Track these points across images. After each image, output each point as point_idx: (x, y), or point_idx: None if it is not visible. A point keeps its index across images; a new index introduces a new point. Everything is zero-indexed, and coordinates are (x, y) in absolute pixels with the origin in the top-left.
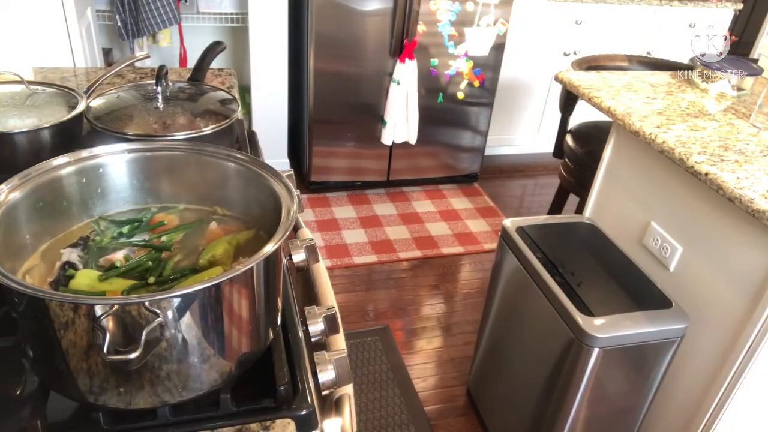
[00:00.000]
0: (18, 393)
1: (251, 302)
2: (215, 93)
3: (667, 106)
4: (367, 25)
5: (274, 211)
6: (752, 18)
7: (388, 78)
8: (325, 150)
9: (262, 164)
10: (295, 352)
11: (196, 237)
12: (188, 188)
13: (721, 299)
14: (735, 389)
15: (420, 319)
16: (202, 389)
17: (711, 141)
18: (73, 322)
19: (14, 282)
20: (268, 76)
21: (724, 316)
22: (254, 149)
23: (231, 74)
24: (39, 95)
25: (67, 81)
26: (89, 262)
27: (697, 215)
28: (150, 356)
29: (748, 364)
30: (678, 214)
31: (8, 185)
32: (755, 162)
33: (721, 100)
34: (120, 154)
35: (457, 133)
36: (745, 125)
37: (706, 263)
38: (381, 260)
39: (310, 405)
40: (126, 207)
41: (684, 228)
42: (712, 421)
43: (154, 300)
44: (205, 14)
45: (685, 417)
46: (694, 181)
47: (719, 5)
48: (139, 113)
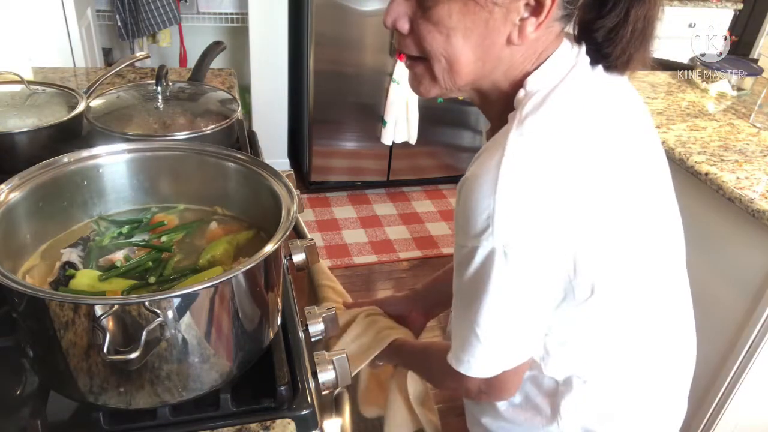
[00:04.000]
0: (18, 393)
1: (251, 302)
2: (215, 93)
3: (667, 106)
4: (367, 24)
5: (274, 211)
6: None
7: (388, 78)
8: (325, 150)
9: (262, 164)
10: (295, 352)
11: (196, 237)
12: (188, 188)
13: (721, 299)
14: (735, 389)
15: None
16: (202, 389)
17: (711, 141)
18: (73, 322)
19: (14, 282)
20: (268, 76)
21: (724, 316)
22: (254, 149)
23: (231, 74)
24: (39, 95)
25: (67, 81)
26: (89, 262)
27: (696, 215)
28: (150, 356)
29: (749, 364)
30: None
31: (8, 185)
32: (755, 162)
33: (721, 100)
34: (120, 154)
35: (457, 133)
36: (745, 125)
37: (706, 263)
38: (381, 260)
39: (310, 405)
40: (126, 207)
41: (683, 228)
42: (713, 421)
43: (154, 300)
44: (205, 14)
45: (686, 417)
46: (694, 181)
47: (719, 5)
48: (139, 113)
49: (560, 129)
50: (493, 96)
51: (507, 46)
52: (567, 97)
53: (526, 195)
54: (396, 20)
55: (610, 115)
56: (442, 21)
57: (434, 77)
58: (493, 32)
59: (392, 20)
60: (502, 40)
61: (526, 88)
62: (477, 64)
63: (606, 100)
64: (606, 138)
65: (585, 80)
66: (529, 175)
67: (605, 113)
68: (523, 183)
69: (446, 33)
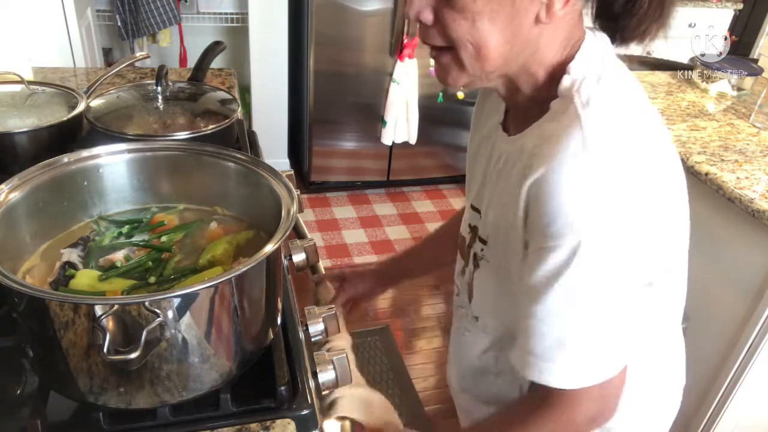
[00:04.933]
0: (18, 393)
1: (251, 302)
2: (215, 93)
3: (667, 106)
4: (367, 24)
5: (274, 211)
6: (752, 18)
7: (388, 78)
8: (325, 150)
9: (262, 164)
10: (295, 352)
11: (196, 237)
12: (188, 188)
13: (721, 299)
14: (735, 389)
15: (420, 319)
16: (202, 389)
17: (711, 141)
18: (73, 322)
19: (14, 282)
20: (268, 76)
21: (724, 316)
22: (254, 149)
23: (231, 74)
24: (39, 95)
25: (67, 81)
26: (89, 262)
27: (696, 215)
28: (150, 356)
29: (749, 364)
30: None
31: (8, 185)
32: (755, 162)
33: (721, 100)
34: (120, 154)
35: (457, 133)
36: (745, 125)
37: (705, 263)
38: (381, 260)
39: (310, 405)
40: (126, 207)
41: None
42: (713, 421)
43: (154, 300)
44: (205, 14)
45: (686, 417)
46: (694, 181)
47: (719, 5)
48: (139, 113)
49: (629, 115)
50: (522, 82)
51: (535, 26)
52: (619, 83)
53: (616, 183)
54: (419, 11)
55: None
56: (467, 6)
57: (462, 65)
58: (520, 12)
59: (416, 12)
60: (530, 20)
61: (571, 74)
62: (505, 47)
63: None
64: (659, 122)
65: (619, 67)
66: (616, 161)
67: (648, 100)
68: (611, 171)
69: (472, 18)
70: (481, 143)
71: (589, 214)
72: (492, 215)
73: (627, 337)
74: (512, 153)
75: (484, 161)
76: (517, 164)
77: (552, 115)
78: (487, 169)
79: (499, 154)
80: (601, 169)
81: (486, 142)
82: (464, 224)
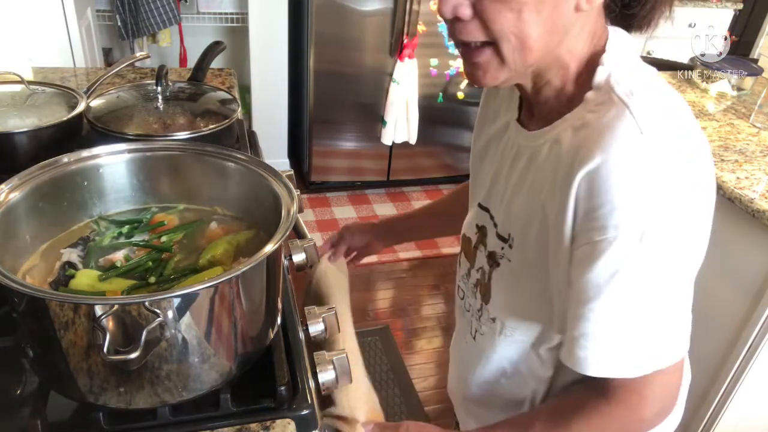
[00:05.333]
0: (18, 393)
1: (251, 302)
2: (215, 93)
3: None
4: (366, 24)
5: (274, 211)
6: (752, 18)
7: (388, 78)
8: (325, 150)
9: (262, 164)
10: (295, 352)
11: (196, 237)
12: (188, 188)
13: (721, 299)
14: (735, 389)
15: (420, 319)
16: (202, 389)
17: (711, 141)
18: (73, 322)
19: (14, 282)
20: (268, 76)
21: (724, 316)
22: (254, 149)
23: (231, 74)
24: (39, 95)
25: (67, 81)
26: (89, 262)
27: None
28: (150, 356)
29: (749, 364)
30: None
31: (8, 185)
32: (755, 162)
33: (721, 100)
34: (120, 154)
35: (457, 133)
36: (745, 125)
37: (705, 263)
38: (381, 260)
39: (310, 405)
40: (126, 207)
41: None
42: (713, 421)
43: (154, 300)
44: (205, 14)
45: (685, 417)
46: None
47: (719, 5)
48: (139, 113)
49: (672, 103)
50: (552, 74)
51: (575, 13)
52: (651, 73)
53: (675, 167)
54: (456, 7)
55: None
56: None
57: (503, 60)
58: (562, 1)
59: (452, 8)
60: (571, 7)
61: (605, 66)
62: (545, 37)
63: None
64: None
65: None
66: (672, 145)
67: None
68: (669, 155)
69: (518, 9)
70: (490, 143)
71: (652, 199)
72: (517, 213)
73: (687, 321)
74: (539, 147)
75: (495, 160)
76: (551, 158)
77: (590, 106)
78: (499, 167)
79: (516, 151)
80: (660, 153)
81: (495, 142)
82: (469, 225)
